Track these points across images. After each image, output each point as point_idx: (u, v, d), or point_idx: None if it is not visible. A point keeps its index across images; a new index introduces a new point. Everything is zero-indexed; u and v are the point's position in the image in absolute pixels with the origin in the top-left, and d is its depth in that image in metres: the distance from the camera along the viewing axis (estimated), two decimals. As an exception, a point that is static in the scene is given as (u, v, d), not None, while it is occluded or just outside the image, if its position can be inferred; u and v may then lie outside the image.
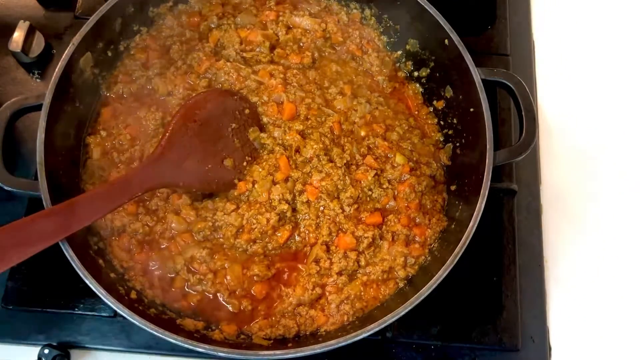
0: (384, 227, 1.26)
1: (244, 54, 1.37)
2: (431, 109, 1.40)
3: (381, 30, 1.46)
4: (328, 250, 1.24)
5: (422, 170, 1.31)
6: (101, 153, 1.28)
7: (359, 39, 1.44)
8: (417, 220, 1.27)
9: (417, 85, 1.43)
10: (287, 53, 1.38)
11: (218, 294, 1.20)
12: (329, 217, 1.25)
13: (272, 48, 1.39)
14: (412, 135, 1.36)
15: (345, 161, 1.27)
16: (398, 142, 1.33)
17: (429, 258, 1.25)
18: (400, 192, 1.28)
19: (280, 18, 1.41)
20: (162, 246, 1.22)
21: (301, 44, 1.41)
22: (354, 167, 1.28)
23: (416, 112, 1.41)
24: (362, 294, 1.22)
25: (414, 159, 1.32)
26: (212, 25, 1.40)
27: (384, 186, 1.28)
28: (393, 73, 1.43)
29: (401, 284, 1.23)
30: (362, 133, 1.32)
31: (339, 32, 1.42)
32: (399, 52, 1.45)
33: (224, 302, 1.20)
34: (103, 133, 1.30)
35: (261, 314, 1.20)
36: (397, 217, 1.27)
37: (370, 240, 1.23)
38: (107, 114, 1.32)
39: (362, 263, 1.23)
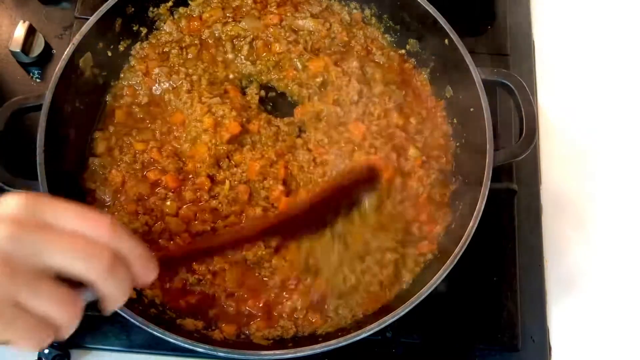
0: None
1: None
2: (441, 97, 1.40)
3: (382, 30, 1.46)
4: None
5: (431, 164, 1.31)
6: (106, 148, 1.29)
7: (364, 39, 1.43)
8: (429, 214, 1.27)
9: (424, 75, 1.42)
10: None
11: (216, 295, 1.20)
12: None
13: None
14: (424, 127, 1.36)
15: None
16: (413, 136, 1.34)
17: (433, 257, 1.24)
18: (410, 186, 1.28)
19: (284, 22, 1.41)
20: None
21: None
22: None
23: (426, 103, 1.40)
24: (364, 299, 1.21)
25: (426, 152, 1.32)
26: (216, 33, 1.40)
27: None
28: (402, 65, 1.43)
29: (405, 286, 1.23)
30: (395, 118, 1.33)
31: (344, 31, 1.42)
32: (401, 52, 1.44)
33: (222, 303, 1.20)
34: (111, 129, 1.31)
35: (259, 316, 1.20)
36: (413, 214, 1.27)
37: None
38: (121, 116, 1.32)
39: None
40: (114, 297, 0.70)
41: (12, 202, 0.66)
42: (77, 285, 0.68)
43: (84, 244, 0.66)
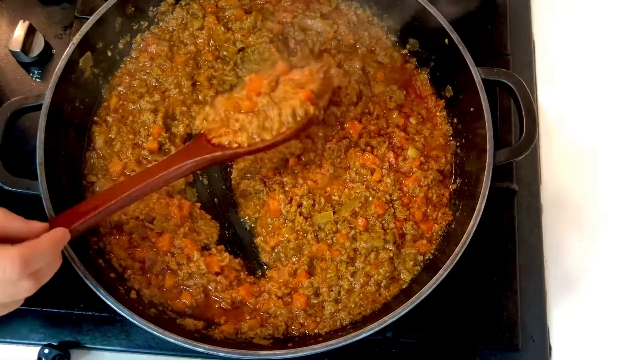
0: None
1: None
2: (441, 97, 1.40)
3: (385, 29, 1.45)
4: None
5: (429, 165, 1.31)
6: (104, 141, 1.29)
7: (369, 40, 1.44)
8: (426, 214, 1.27)
9: (425, 75, 1.42)
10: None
11: (210, 286, 1.20)
12: None
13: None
14: (424, 128, 1.36)
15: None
16: (413, 136, 1.34)
17: (432, 257, 1.25)
18: (406, 186, 1.28)
19: (295, 20, 1.41)
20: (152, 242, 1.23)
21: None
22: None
23: (427, 103, 1.40)
24: (361, 301, 1.21)
25: (425, 153, 1.32)
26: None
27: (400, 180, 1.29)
28: (404, 66, 1.43)
29: (405, 286, 1.23)
30: (395, 118, 1.35)
31: (350, 34, 1.42)
32: (403, 51, 1.44)
33: (215, 297, 1.20)
34: (109, 119, 1.31)
35: (250, 310, 1.20)
36: (407, 213, 1.27)
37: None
38: (114, 104, 1.33)
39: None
40: None
41: None
42: None
43: None
